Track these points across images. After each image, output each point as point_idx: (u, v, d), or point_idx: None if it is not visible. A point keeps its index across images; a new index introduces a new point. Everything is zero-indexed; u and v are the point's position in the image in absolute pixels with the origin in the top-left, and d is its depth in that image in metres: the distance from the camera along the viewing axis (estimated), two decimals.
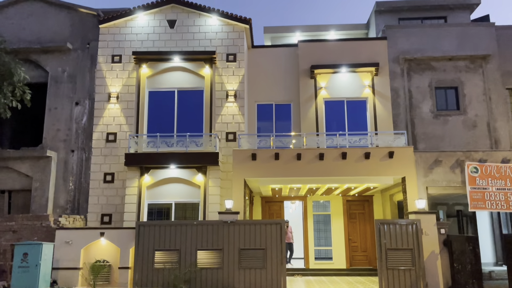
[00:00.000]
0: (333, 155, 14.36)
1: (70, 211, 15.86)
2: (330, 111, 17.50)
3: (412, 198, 13.69)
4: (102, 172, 15.90)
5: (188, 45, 16.75)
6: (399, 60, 17.32)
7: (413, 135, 16.71)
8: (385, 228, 12.44)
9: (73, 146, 16.38)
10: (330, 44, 18.08)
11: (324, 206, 17.79)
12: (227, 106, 16.39)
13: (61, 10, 17.37)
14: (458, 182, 14.00)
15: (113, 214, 15.54)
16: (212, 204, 15.19)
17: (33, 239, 12.98)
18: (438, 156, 14.15)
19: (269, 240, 12.59)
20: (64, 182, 16.09)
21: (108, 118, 16.28)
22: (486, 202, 13.49)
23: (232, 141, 16.10)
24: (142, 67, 16.49)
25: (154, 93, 16.66)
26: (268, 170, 14.36)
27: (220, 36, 16.84)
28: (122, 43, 16.82)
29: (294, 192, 16.96)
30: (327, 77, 17.51)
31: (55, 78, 16.87)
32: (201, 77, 16.61)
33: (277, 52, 18.29)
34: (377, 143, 15.35)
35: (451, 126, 16.72)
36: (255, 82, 17.80)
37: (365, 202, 17.54)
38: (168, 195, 15.63)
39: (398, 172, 14.10)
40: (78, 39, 17.14)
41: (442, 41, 17.42)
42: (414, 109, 17.00)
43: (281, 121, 17.83)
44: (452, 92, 17.17)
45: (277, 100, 17.84)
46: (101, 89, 16.49)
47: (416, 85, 17.19)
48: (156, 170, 15.59)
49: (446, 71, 17.21)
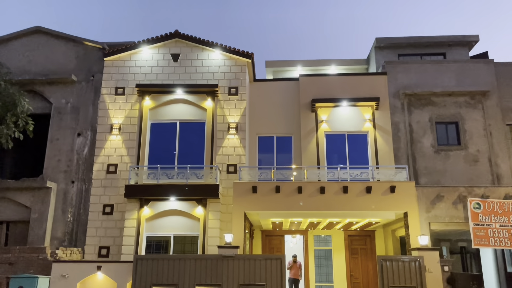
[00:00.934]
0: (334, 188, 14.29)
1: (67, 243, 15.64)
2: (331, 144, 17.53)
3: (414, 234, 13.50)
4: (101, 203, 15.78)
5: (191, 78, 16.99)
6: (399, 94, 17.49)
7: (414, 170, 16.65)
8: (387, 264, 12.21)
9: (73, 177, 16.32)
10: (331, 78, 18.32)
11: (326, 241, 17.53)
12: (228, 138, 16.44)
13: (67, 43, 17.72)
14: (461, 218, 13.85)
15: (111, 246, 15.31)
16: (211, 237, 14.99)
17: (29, 272, 12.74)
18: (440, 191, 14.06)
19: (269, 275, 12.34)
20: (62, 213, 15.95)
21: (110, 149, 16.31)
22: (490, 239, 13.30)
23: (233, 173, 16.06)
24: (145, 99, 16.66)
25: (156, 124, 16.76)
26: (269, 203, 14.25)
27: (222, 70, 17.11)
28: (126, 75, 17.07)
29: (295, 226, 16.77)
30: (328, 111, 17.64)
31: (58, 109, 17.03)
32: (203, 110, 16.75)
33: (278, 85, 18.52)
34: (379, 177, 15.30)
35: (453, 161, 16.69)
36: (257, 114, 17.93)
37: (367, 237, 17.30)
38: (167, 227, 15.45)
39: (400, 207, 13.97)
40: (82, 71, 17.40)
41: (442, 76, 17.65)
42: (415, 144, 17.02)
43: (282, 154, 17.84)
44: (452, 127, 17.24)
45: (278, 132, 17.91)
46: (104, 121, 16.60)
47: (416, 119, 17.28)
48: (155, 202, 15.48)
49: (446, 106, 17.34)
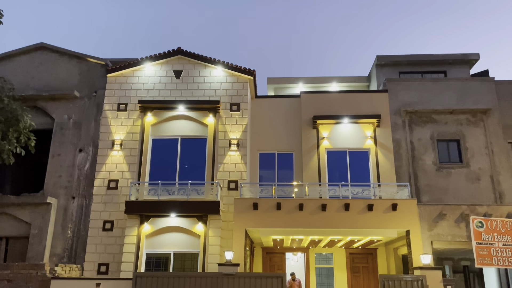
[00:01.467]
0: (336, 206, 14.22)
1: (67, 259, 15.52)
2: (332, 161, 17.50)
3: (416, 252, 13.37)
4: (101, 219, 15.70)
5: (193, 95, 17.08)
6: (401, 112, 17.52)
7: (416, 187, 16.58)
8: (389, 284, 12.06)
9: (74, 193, 16.28)
10: (332, 95, 18.40)
11: (327, 259, 17.36)
12: (229, 155, 16.44)
13: (71, 59, 17.86)
14: (464, 237, 13.73)
15: (110, 263, 15.17)
16: (212, 254, 14.86)
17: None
18: (442, 209, 13.97)
19: None
20: (62, 229, 15.86)
21: (111, 165, 16.30)
22: (493, 258, 13.16)
23: (234, 189, 16.00)
24: (147, 115, 16.72)
25: (157, 140, 16.79)
26: (270, 220, 14.17)
27: (224, 87, 17.20)
28: (129, 91, 17.17)
29: (296, 243, 16.63)
30: (329, 128, 17.67)
31: (60, 125, 17.08)
32: (204, 126, 16.79)
33: (280, 102, 18.60)
34: (380, 195, 15.23)
35: (454, 178, 16.62)
36: (258, 131, 17.96)
37: (369, 255, 17.13)
38: (167, 244, 15.34)
39: (402, 225, 13.87)
40: (85, 87, 17.50)
41: (443, 94, 17.71)
42: (417, 161, 16.98)
43: (283, 170, 17.81)
44: (454, 145, 17.22)
45: (280, 149, 17.92)
46: (105, 136, 16.64)
47: (418, 137, 17.28)
48: (156, 218, 15.39)
49: (448, 124, 17.35)
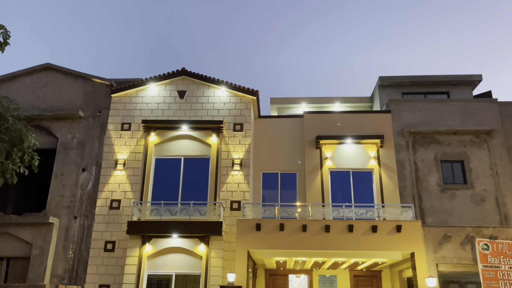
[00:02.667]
0: (340, 227, 14.08)
1: (67, 280, 15.34)
2: (335, 182, 17.43)
3: (422, 275, 13.16)
4: (103, 240, 15.58)
5: (197, 115, 17.15)
6: (404, 133, 17.51)
7: (420, 209, 16.43)
8: None
9: (76, 213, 16.21)
10: (335, 115, 18.43)
11: (331, 281, 17.10)
12: (232, 174, 16.39)
13: (76, 79, 18.04)
14: (469, 259, 13.53)
15: (111, 285, 14.98)
16: (214, 276, 14.66)
17: None
18: (447, 231, 13.81)
19: None
20: (64, 250, 15.73)
21: (114, 185, 16.28)
22: (499, 281, 12.93)
23: (236, 210, 15.91)
24: (151, 135, 16.77)
25: (160, 160, 16.80)
26: (273, 241, 14.03)
27: (228, 107, 17.28)
28: (132, 111, 17.27)
29: (300, 265, 16.41)
30: (332, 148, 17.65)
31: (64, 144, 17.13)
32: (207, 145, 16.81)
33: (283, 122, 18.65)
34: (384, 216, 15.10)
35: (459, 200, 16.47)
36: (261, 151, 17.96)
37: (373, 278, 16.87)
38: (169, 266, 15.16)
39: (406, 247, 13.70)
40: (90, 107, 17.62)
41: (446, 115, 17.71)
42: (421, 182, 16.87)
43: (287, 190, 17.74)
44: (458, 166, 17.12)
45: (283, 169, 17.88)
46: (109, 156, 16.66)
47: (421, 158, 17.21)
48: (158, 239, 15.25)
49: (452, 145, 17.30)
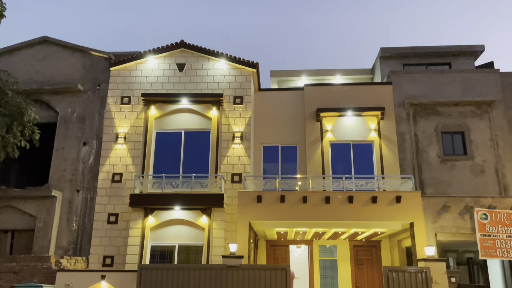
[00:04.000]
0: (340, 198, 14.20)
1: (72, 252, 15.62)
2: (336, 154, 17.49)
3: (420, 245, 13.37)
4: (106, 212, 15.77)
5: (196, 88, 17.06)
6: (405, 104, 17.45)
7: (420, 180, 16.54)
8: (393, 275, 12.08)
9: (78, 186, 16.36)
10: (335, 88, 18.34)
11: (331, 251, 17.39)
12: (233, 148, 16.43)
13: (74, 53, 17.88)
14: (468, 229, 13.72)
15: (115, 256, 15.26)
16: (216, 247, 14.91)
17: (34, 281, 12.71)
18: (446, 201, 13.95)
19: (273, 286, 12.22)
20: (67, 222, 15.95)
21: (115, 159, 16.35)
22: (497, 250, 13.15)
23: (237, 182, 16.02)
24: (151, 108, 16.73)
25: (161, 134, 16.81)
26: (274, 213, 14.19)
27: (227, 80, 17.17)
28: (132, 85, 17.16)
29: (300, 236, 16.66)
30: (333, 120, 17.63)
31: (64, 118, 17.13)
32: (208, 119, 16.79)
33: (283, 95, 18.57)
34: (384, 187, 15.20)
35: (459, 171, 16.57)
36: (262, 124, 17.95)
37: (373, 248, 17.14)
38: (172, 237, 15.40)
39: (406, 218, 13.86)
40: (89, 81, 17.53)
41: (447, 86, 17.61)
42: (421, 154, 16.93)
43: (287, 163, 17.81)
44: (458, 137, 17.15)
45: (283, 142, 17.91)
46: (109, 130, 16.67)
47: (422, 129, 17.22)
48: (160, 211, 15.45)
49: (452, 116, 17.27)
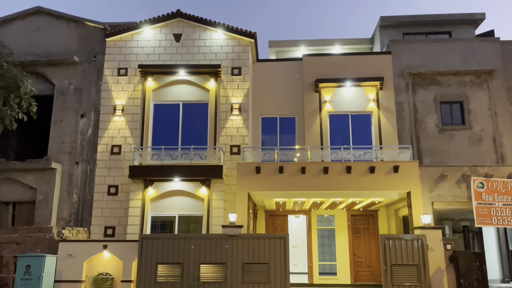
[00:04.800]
0: (338, 169, 14.30)
1: (73, 223, 15.83)
2: (334, 125, 17.49)
3: (417, 213, 13.56)
4: (106, 184, 15.90)
5: (194, 59, 16.88)
6: (404, 74, 17.34)
7: (418, 150, 16.63)
8: (390, 243, 12.31)
9: (77, 158, 16.42)
10: (334, 58, 18.16)
11: (329, 221, 17.65)
12: (231, 119, 16.42)
13: (69, 23, 17.58)
14: (464, 197, 13.88)
15: (116, 226, 15.48)
16: (215, 217, 15.12)
17: (36, 251, 12.94)
18: (443, 170, 14.05)
19: (272, 254, 12.49)
20: (68, 194, 16.10)
21: (113, 131, 16.34)
22: (493, 217, 13.34)
23: (236, 154, 16.09)
24: (148, 80, 16.60)
25: (159, 106, 16.74)
26: (272, 183, 14.30)
27: (225, 50, 16.97)
28: (128, 56, 16.97)
29: (298, 206, 16.87)
30: (331, 91, 17.55)
31: (61, 90, 17.02)
32: (206, 90, 16.69)
33: (281, 66, 18.39)
34: (382, 158, 15.28)
35: (457, 141, 16.63)
36: (260, 95, 17.87)
37: (370, 217, 17.40)
38: (172, 208, 15.58)
39: (403, 187, 14.00)
40: (84, 52, 17.31)
41: (447, 56, 17.45)
42: (419, 124, 16.95)
43: (286, 135, 17.83)
44: (457, 107, 17.13)
45: (282, 113, 17.88)
46: (107, 102, 16.59)
47: (421, 99, 17.17)
48: (160, 182, 15.57)
49: (451, 86, 17.20)
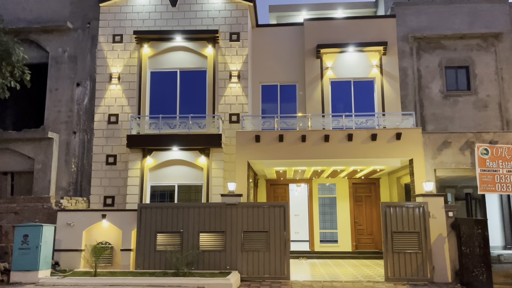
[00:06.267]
0: (339, 136, 14.00)
1: (72, 193, 15.76)
2: (336, 92, 17.09)
3: (419, 181, 13.34)
4: (104, 154, 15.71)
5: (190, 24, 16.32)
6: (408, 38, 16.77)
7: (421, 116, 16.27)
8: (391, 211, 12.15)
9: (74, 128, 16.19)
10: (337, 22, 17.53)
11: (330, 189, 17.51)
12: (230, 87, 16.02)
13: None
14: (468, 164, 13.61)
15: (115, 196, 15.40)
16: (215, 186, 14.98)
17: (35, 221, 12.89)
18: (447, 137, 13.73)
19: (272, 222, 12.38)
20: (66, 164, 15.95)
21: (110, 99, 16.01)
22: (496, 184, 13.10)
23: (235, 122, 15.79)
24: (144, 47, 16.12)
25: (156, 73, 16.32)
26: (272, 152, 14.06)
27: (223, 15, 16.37)
28: (123, 22, 16.43)
29: (299, 174, 16.69)
30: (333, 57, 17.04)
31: (55, 58, 16.60)
32: (203, 57, 16.22)
33: (282, 31, 17.81)
34: (385, 125, 14.94)
35: (461, 107, 16.24)
36: (260, 62, 17.39)
37: (372, 185, 17.24)
38: (171, 177, 15.44)
39: (405, 154, 13.72)
40: (78, 18, 16.78)
41: (453, 18, 16.81)
42: (423, 90, 16.51)
43: (286, 103, 17.46)
44: (462, 72, 16.64)
45: (282, 80, 17.45)
46: (102, 70, 16.18)
47: (425, 64, 16.66)
48: (158, 152, 15.36)
49: (457, 50, 16.65)
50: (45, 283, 10.76)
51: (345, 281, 11.75)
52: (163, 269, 12.18)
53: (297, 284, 11.45)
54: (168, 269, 12.04)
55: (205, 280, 10.71)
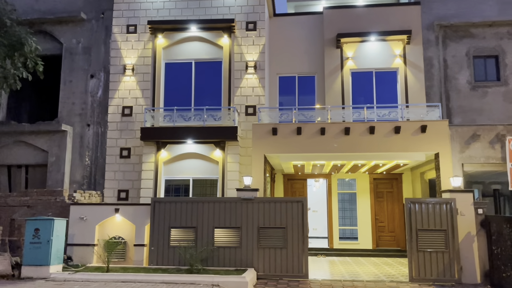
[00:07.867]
0: (360, 129, 13.36)
1: (86, 186, 15.52)
2: (357, 83, 16.40)
3: (446, 176, 12.61)
4: (118, 147, 15.41)
5: (206, 13, 15.85)
6: (434, 27, 15.94)
7: (448, 109, 15.47)
8: (416, 207, 11.48)
9: (88, 120, 15.93)
10: (358, 10, 16.80)
11: (350, 185, 16.87)
12: (246, 78, 15.51)
13: None
14: (498, 159, 12.83)
15: (129, 190, 15.10)
16: (230, 180, 14.52)
17: (48, 214, 12.66)
18: (476, 130, 12.96)
19: (290, 218, 11.85)
20: (80, 157, 15.71)
21: (124, 91, 15.69)
22: None
23: (251, 115, 15.28)
24: (158, 37, 15.72)
25: (170, 64, 15.92)
26: (290, 145, 13.51)
27: (239, 3, 15.84)
28: (137, 12, 16.06)
29: (318, 169, 16.10)
30: (354, 47, 16.34)
31: (69, 50, 16.36)
32: (219, 48, 15.73)
33: (300, 20, 17.17)
34: (408, 117, 14.19)
35: (490, 98, 15.37)
36: (277, 52, 16.81)
37: (394, 181, 16.53)
38: (186, 171, 15.04)
39: (431, 148, 12.99)
40: (92, 9, 16.49)
41: (482, 5, 15.92)
42: (450, 81, 15.69)
43: (304, 95, 16.86)
44: (492, 62, 15.75)
45: (300, 72, 16.83)
46: (116, 61, 15.86)
47: (452, 54, 15.82)
48: (173, 145, 14.98)
49: (486, 39, 15.76)
50: (56, 278, 10.48)
51: (367, 280, 11.17)
52: (177, 265, 11.78)
53: (316, 283, 10.92)
54: (182, 265, 11.63)
55: (219, 277, 10.27)
